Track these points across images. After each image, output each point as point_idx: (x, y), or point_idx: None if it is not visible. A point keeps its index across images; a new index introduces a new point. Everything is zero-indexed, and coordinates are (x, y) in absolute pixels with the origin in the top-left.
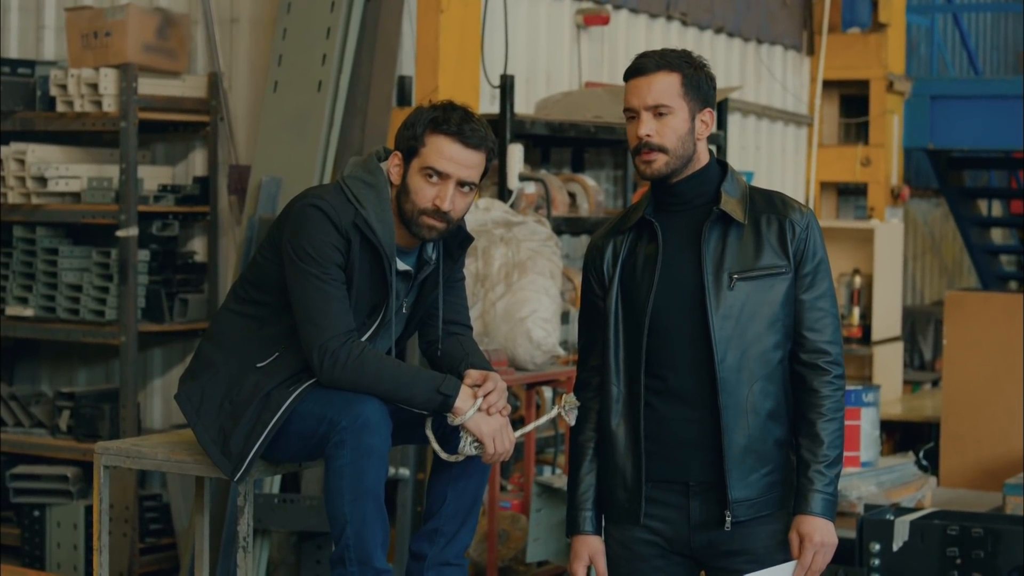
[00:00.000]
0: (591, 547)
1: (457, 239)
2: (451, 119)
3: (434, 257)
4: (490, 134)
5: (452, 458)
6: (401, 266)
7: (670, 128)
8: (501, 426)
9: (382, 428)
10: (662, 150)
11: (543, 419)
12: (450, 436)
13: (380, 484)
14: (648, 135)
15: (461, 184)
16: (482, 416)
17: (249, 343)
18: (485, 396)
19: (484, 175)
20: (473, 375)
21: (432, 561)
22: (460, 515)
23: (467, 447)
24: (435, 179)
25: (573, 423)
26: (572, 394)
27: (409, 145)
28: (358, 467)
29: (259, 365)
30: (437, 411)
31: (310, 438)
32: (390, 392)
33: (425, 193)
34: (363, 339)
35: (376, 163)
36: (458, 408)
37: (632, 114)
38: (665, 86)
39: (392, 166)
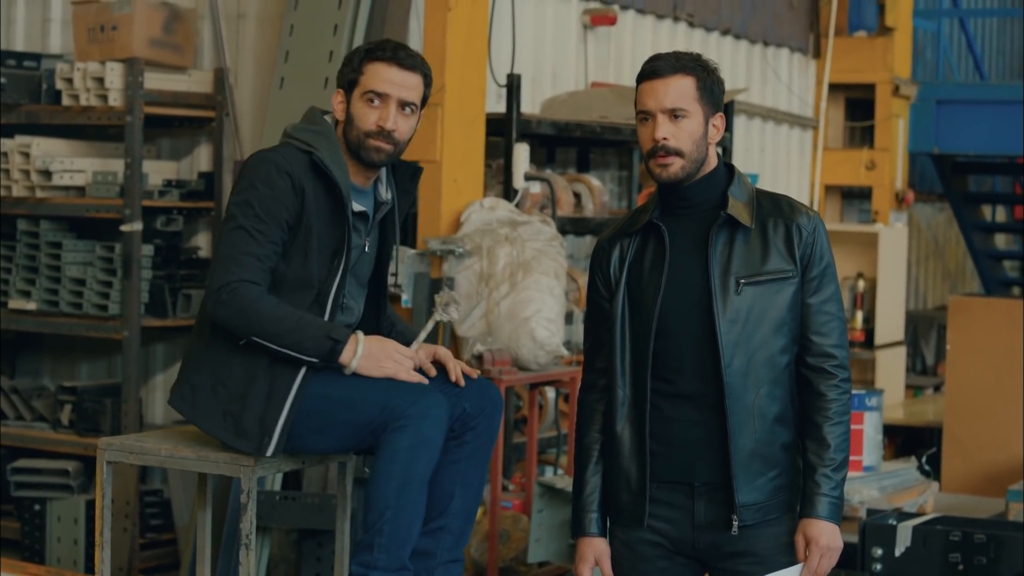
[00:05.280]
0: (596, 549)
1: (407, 172)
2: (386, 47)
3: (389, 196)
4: (425, 62)
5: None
6: (357, 207)
7: (686, 132)
8: (386, 355)
9: (441, 423)
10: (679, 154)
11: (428, 326)
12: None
13: (428, 477)
14: (665, 138)
15: (402, 106)
16: (366, 358)
17: (218, 327)
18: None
19: (424, 102)
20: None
21: (442, 558)
22: (465, 512)
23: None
24: (376, 102)
25: (457, 317)
26: (444, 292)
27: (349, 79)
28: (414, 454)
29: (240, 343)
30: (325, 359)
31: (366, 426)
32: (279, 335)
33: (368, 116)
34: (333, 285)
35: (318, 114)
36: (344, 358)
37: (646, 116)
38: (682, 89)
39: (336, 103)
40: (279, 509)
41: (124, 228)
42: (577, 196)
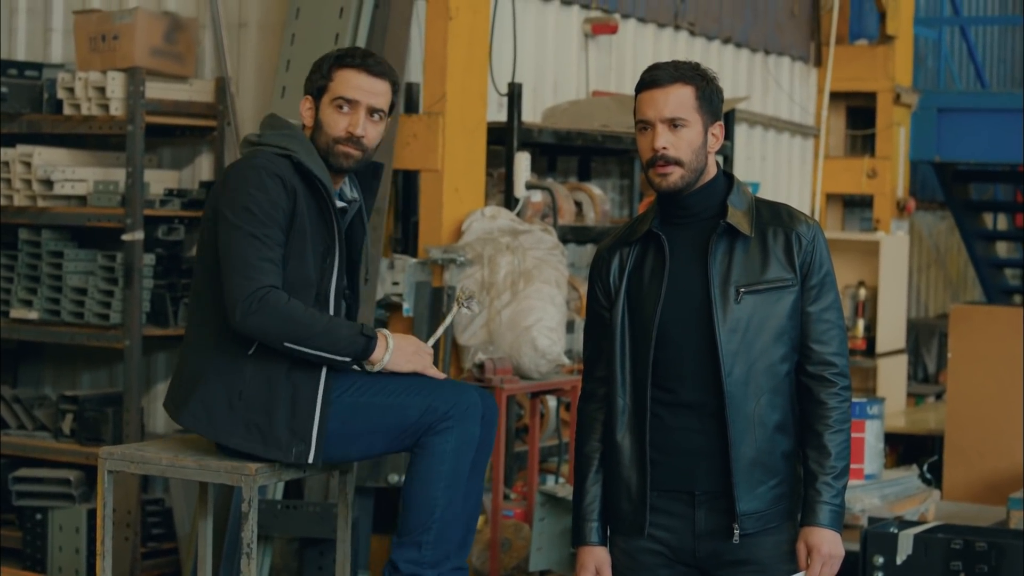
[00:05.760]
0: (597, 558)
1: (370, 170)
2: (355, 53)
3: (355, 195)
4: (393, 69)
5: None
6: (338, 203)
7: (685, 141)
8: (414, 350)
9: (479, 418)
10: (678, 163)
11: (448, 319)
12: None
13: (468, 469)
14: (665, 147)
15: (371, 112)
16: (397, 353)
17: (224, 338)
18: None
19: (392, 109)
20: None
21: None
22: (466, 521)
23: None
24: (346, 109)
25: (478, 311)
26: (467, 286)
27: (318, 85)
28: (460, 454)
29: (249, 353)
30: (359, 357)
31: (406, 429)
32: (314, 338)
33: (338, 123)
34: (331, 282)
35: (281, 120)
36: (376, 355)
37: (645, 126)
38: (681, 99)
39: (304, 110)
40: (280, 518)
41: (125, 237)
42: (578, 205)
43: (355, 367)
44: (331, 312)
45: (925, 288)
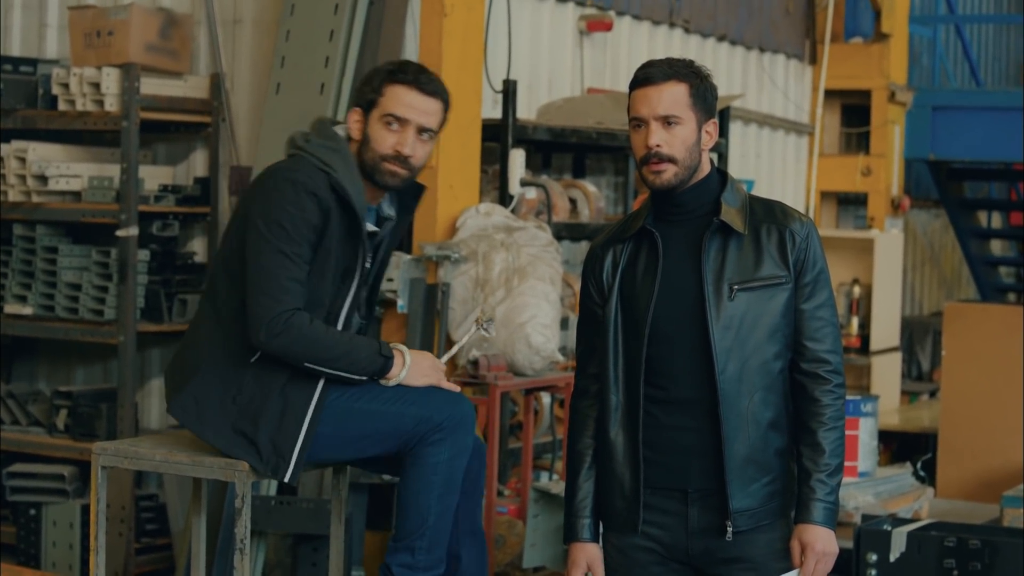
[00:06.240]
0: (589, 555)
1: (411, 191)
2: (408, 69)
3: (392, 212)
4: (445, 88)
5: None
6: (369, 227)
7: (679, 138)
8: (430, 365)
9: (472, 427)
10: (671, 160)
11: (465, 339)
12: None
13: (461, 478)
14: (658, 145)
15: (420, 131)
16: (413, 369)
17: (231, 340)
18: None
19: (441, 126)
20: None
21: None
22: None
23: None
24: (395, 126)
25: (494, 334)
26: (487, 308)
27: (368, 98)
28: (454, 464)
29: (252, 360)
30: (376, 376)
31: (398, 437)
32: (335, 360)
33: (386, 140)
34: (344, 303)
35: (331, 129)
36: (393, 372)
37: (639, 123)
38: (675, 96)
39: (352, 122)
40: (274, 514)
41: (120, 233)
42: (573, 202)
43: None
44: (340, 326)
45: (919, 286)
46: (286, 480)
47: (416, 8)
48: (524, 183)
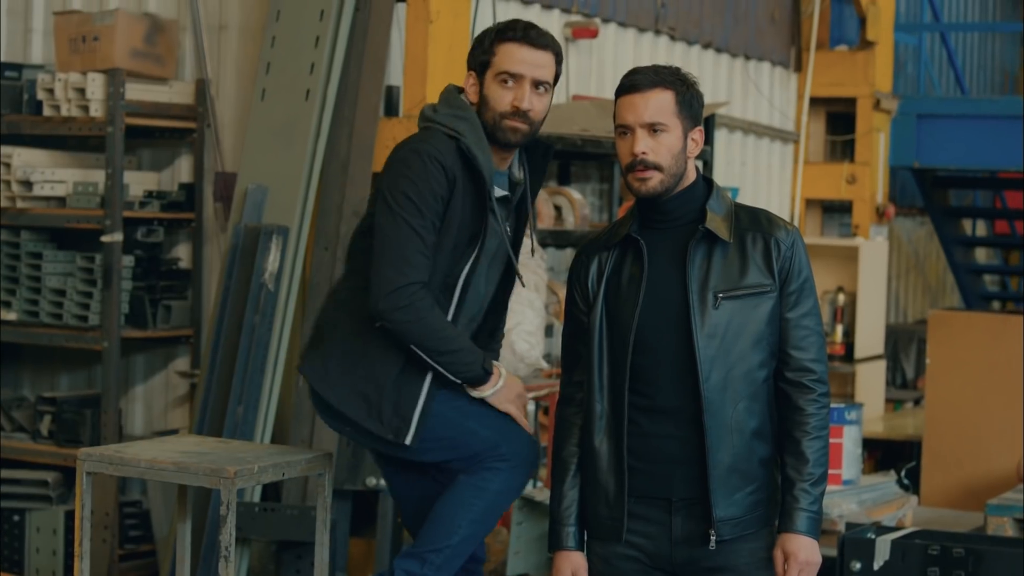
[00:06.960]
0: (573, 563)
1: (539, 150)
2: (516, 27)
3: (522, 175)
4: (556, 41)
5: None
6: (498, 192)
7: (665, 146)
8: (517, 394)
9: (528, 476)
10: (657, 168)
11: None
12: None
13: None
14: (644, 152)
15: (536, 85)
16: (503, 391)
17: (363, 310)
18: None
19: (556, 79)
20: None
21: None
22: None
23: None
24: (510, 83)
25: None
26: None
27: (481, 60)
28: (500, 499)
29: (378, 325)
30: (469, 381)
31: (464, 452)
32: (436, 349)
33: (503, 97)
34: (463, 270)
35: (457, 96)
36: (484, 387)
37: (625, 130)
38: (661, 103)
39: (468, 87)
40: (258, 521)
41: (104, 239)
42: (558, 209)
43: None
44: (459, 298)
45: (904, 294)
46: (408, 442)
47: (402, 14)
48: None
